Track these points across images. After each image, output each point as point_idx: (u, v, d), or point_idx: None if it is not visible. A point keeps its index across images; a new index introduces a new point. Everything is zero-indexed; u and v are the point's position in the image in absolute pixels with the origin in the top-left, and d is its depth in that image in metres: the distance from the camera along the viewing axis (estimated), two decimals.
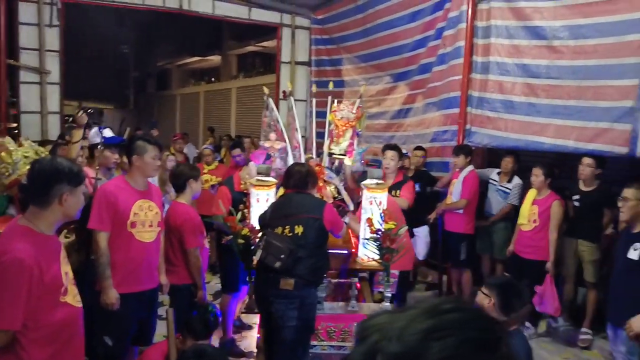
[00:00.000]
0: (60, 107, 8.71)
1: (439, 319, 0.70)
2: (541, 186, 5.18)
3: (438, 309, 0.72)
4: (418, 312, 0.72)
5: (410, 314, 0.72)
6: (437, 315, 0.70)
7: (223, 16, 9.69)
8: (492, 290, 2.69)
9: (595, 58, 4.74)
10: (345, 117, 4.60)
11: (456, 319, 0.70)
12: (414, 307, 0.75)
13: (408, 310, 0.74)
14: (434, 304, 0.73)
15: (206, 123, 19.31)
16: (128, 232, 3.47)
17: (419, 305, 0.75)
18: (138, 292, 3.55)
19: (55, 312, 2.33)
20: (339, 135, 4.62)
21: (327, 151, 4.68)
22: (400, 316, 0.73)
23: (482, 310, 0.74)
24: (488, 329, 0.71)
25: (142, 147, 3.53)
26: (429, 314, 0.71)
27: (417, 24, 7.09)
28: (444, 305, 0.72)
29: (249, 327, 5.27)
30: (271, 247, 3.42)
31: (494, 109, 5.82)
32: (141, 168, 3.55)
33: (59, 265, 2.38)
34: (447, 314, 0.71)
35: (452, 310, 0.71)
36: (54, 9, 8.30)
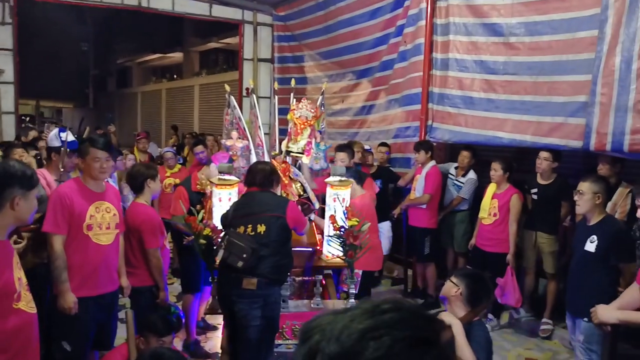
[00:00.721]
0: (15, 106, 8.44)
1: (377, 319, 0.72)
2: (500, 180, 5.29)
3: (377, 309, 0.73)
4: (359, 312, 0.74)
5: (351, 315, 0.74)
6: (376, 315, 0.72)
7: (184, 13, 9.54)
8: (461, 280, 2.72)
9: (550, 54, 4.85)
10: (304, 116, 4.61)
11: (393, 318, 0.71)
12: (357, 307, 0.77)
13: (350, 311, 0.76)
14: (374, 304, 0.75)
15: (168, 121, 19.10)
16: (84, 234, 3.41)
17: (361, 305, 0.77)
18: (97, 296, 3.49)
19: (8, 319, 2.27)
20: (297, 133, 4.62)
21: (285, 149, 4.67)
22: (342, 317, 0.74)
23: (419, 310, 0.78)
24: (423, 328, 0.73)
25: (85, 150, 3.46)
26: (368, 314, 0.73)
27: (377, 21, 7.13)
28: (383, 306, 0.74)
29: (214, 328, 5.22)
30: (233, 247, 3.39)
31: (454, 105, 5.91)
32: (85, 170, 3.50)
33: (12, 270, 2.31)
34: (385, 314, 0.72)
35: (389, 310, 0.73)
36: (6, 6, 8.05)
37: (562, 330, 5.09)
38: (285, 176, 4.58)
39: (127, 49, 25.19)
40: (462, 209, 6.13)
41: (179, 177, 6.53)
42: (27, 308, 2.38)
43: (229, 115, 5.12)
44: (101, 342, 3.66)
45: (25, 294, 2.38)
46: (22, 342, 2.36)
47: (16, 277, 2.32)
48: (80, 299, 3.35)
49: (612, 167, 4.64)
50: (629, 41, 4.07)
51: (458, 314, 2.66)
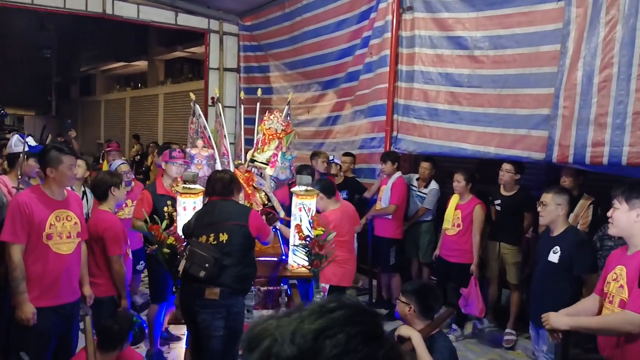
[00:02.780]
0: None
1: (328, 317, 0.72)
2: (463, 191, 5.34)
3: (324, 309, 0.74)
4: (307, 313, 0.74)
5: (299, 317, 0.74)
6: (325, 315, 0.72)
7: (149, 21, 9.42)
8: (409, 297, 2.74)
9: (513, 67, 4.94)
10: (274, 128, 4.59)
11: (342, 315, 0.72)
12: (299, 310, 0.77)
13: (294, 314, 0.76)
14: (319, 305, 0.76)
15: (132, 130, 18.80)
16: (44, 244, 3.33)
17: (303, 308, 0.77)
18: (57, 306, 3.41)
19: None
20: (264, 143, 4.60)
21: (250, 157, 4.63)
22: (289, 320, 0.74)
23: (363, 306, 0.80)
24: (372, 322, 0.74)
25: (56, 158, 3.37)
26: (317, 314, 0.73)
27: (343, 33, 7.16)
28: (329, 305, 0.75)
29: (177, 339, 5.13)
30: (195, 256, 3.34)
31: (419, 116, 5.95)
32: (56, 179, 3.41)
33: None
34: (333, 313, 0.73)
35: (337, 308, 0.74)
36: None
37: (525, 340, 5.14)
38: (249, 185, 4.54)
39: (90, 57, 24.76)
40: (426, 220, 6.17)
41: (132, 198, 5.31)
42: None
43: (194, 124, 5.07)
44: (62, 353, 3.57)
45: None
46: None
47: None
48: (39, 309, 3.28)
49: (575, 179, 4.73)
50: (590, 56, 4.17)
51: (417, 328, 2.67)
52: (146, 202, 4.44)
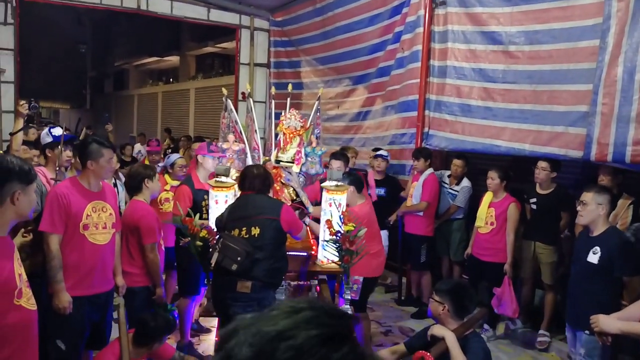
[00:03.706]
0: (14, 106, 8.36)
1: (292, 319, 0.72)
2: (497, 189, 5.25)
3: (294, 309, 0.74)
4: (277, 313, 0.75)
5: (272, 315, 0.75)
6: (291, 316, 0.73)
7: (182, 17, 9.55)
8: (444, 296, 2.70)
9: (550, 63, 4.83)
10: (292, 126, 4.60)
11: (306, 316, 0.72)
12: (277, 308, 0.77)
13: (271, 312, 0.76)
14: (292, 304, 0.76)
15: (164, 124, 19.04)
16: (81, 234, 3.39)
17: (281, 306, 0.77)
18: (92, 295, 3.47)
19: (9, 315, 2.26)
20: (286, 142, 4.61)
21: (275, 159, 4.65)
22: (262, 318, 0.75)
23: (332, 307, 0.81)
24: (336, 324, 0.73)
25: (97, 151, 3.44)
26: (284, 315, 0.74)
27: (375, 28, 7.11)
28: (299, 305, 0.75)
29: (207, 331, 5.19)
30: (227, 250, 3.36)
31: (451, 112, 5.88)
32: (96, 172, 3.47)
33: (13, 266, 2.30)
34: (299, 313, 0.73)
35: (304, 309, 0.74)
36: (9, 6, 8.06)
37: (559, 342, 5.04)
38: (277, 182, 4.55)
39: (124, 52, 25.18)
40: (457, 217, 6.10)
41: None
42: (27, 305, 2.37)
43: (226, 118, 5.09)
44: (96, 342, 3.64)
45: (25, 291, 2.37)
46: (22, 339, 2.35)
47: (17, 273, 2.31)
48: (75, 298, 3.34)
49: (614, 178, 4.59)
50: (632, 51, 4.05)
51: (451, 327, 2.63)
52: (187, 197, 4.50)
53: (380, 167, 6.18)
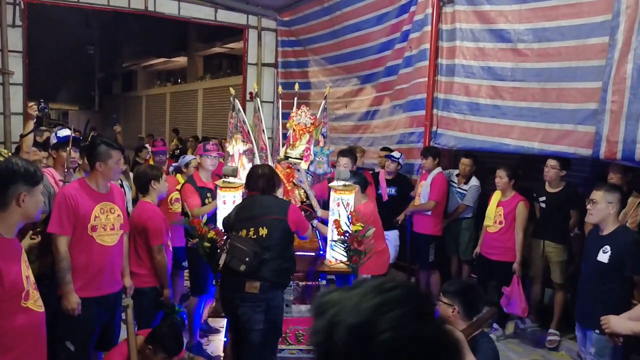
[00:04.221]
0: (23, 108, 8.40)
1: (385, 295, 0.84)
2: (505, 188, 5.22)
3: (382, 288, 0.86)
4: (366, 290, 0.86)
5: (360, 292, 0.86)
6: (383, 293, 0.84)
7: (189, 17, 9.58)
8: (453, 298, 2.67)
9: (558, 61, 4.79)
10: (303, 123, 4.61)
11: (398, 295, 0.84)
12: (360, 285, 0.88)
13: (356, 289, 0.88)
14: (378, 283, 0.87)
15: (172, 124, 19.10)
16: (89, 235, 3.40)
17: (364, 284, 0.89)
18: (100, 297, 3.48)
19: (16, 317, 2.27)
20: (296, 139, 4.62)
21: (284, 155, 4.65)
22: (350, 294, 0.86)
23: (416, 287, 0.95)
24: (423, 303, 0.86)
25: (106, 153, 3.45)
26: (375, 291, 0.85)
27: (383, 27, 7.09)
28: (386, 284, 0.87)
29: (216, 331, 5.20)
30: (235, 250, 3.36)
31: (460, 111, 5.85)
32: (104, 173, 3.48)
33: (20, 269, 2.30)
34: (390, 292, 0.85)
35: (393, 288, 0.86)
36: (17, 9, 8.12)
37: (569, 341, 5.02)
38: (289, 182, 4.56)
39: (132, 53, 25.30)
40: (466, 217, 6.07)
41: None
42: (35, 307, 2.37)
43: (233, 118, 5.11)
44: (104, 343, 3.65)
45: (33, 293, 2.37)
46: (30, 341, 2.36)
47: (24, 276, 2.32)
48: (83, 299, 3.35)
49: (624, 176, 4.54)
50: None
51: (460, 328, 2.61)
52: (194, 193, 4.55)
53: (390, 168, 6.16)
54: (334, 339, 0.83)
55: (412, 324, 0.82)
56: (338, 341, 0.83)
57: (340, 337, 0.82)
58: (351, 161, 5.30)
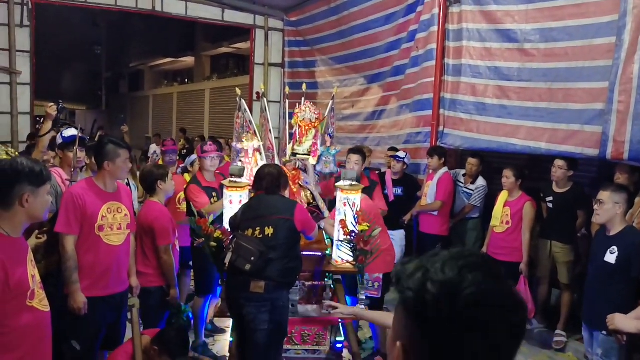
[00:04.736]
0: (31, 107, 8.57)
1: (465, 260, 0.98)
2: (512, 188, 5.21)
3: (462, 254, 1.00)
4: (447, 256, 1.00)
5: (442, 258, 1.00)
6: (463, 258, 0.99)
7: (196, 17, 9.64)
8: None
9: (565, 61, 4.78)
10: (307, 118, 4.62)
11: (477, 260, 0.99)
12: (438, 255, 1.02)
13: (437, 256, 1.01)
14: (457, 252, 1.02)
15: (179, 124, 19.16)
16: (96, 235, 3.41)
17: (442, 253, 1.02)
18: (107, 296, 3.49)
19: (21, 316, 2.28)
20: (302, 135, 4.63)
21: (291, 152, 4.66)
22: (433, 259, 1.00)
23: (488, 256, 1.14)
24: (496, 267, 1.00)
25: (114, 152, 3.47)
26: (457, 257, 0.99)
27: (390, 27, 7.10)
28: (466, 252, 1.01)
29: (222, 331, 5.21)
30: (241, 250, 3.36)
31: (466, 111, 5.85)
32: (112, 172, 3.49)
33: (26, 268, 2.31)
34: (469, 257, 0.99)
35: (472, 255, 1.01)
36: (25, 9, 8.18)
37: (576, 342, 4.99)
38: (295, 184, 4.56)
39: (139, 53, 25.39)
40: (473, 217, 6.06)
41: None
42: (40, 306, 2.37)
43: (240, 118, 5.11)
44: (110, 342, 3.65)
45: (38, 292, 2.38)
46: (34, 341, 2.36)
47: (30, 275, 2.32)
48: (90, 298, 3.36)
49: (631, 177, 4.53)
50: None
51: None
52: (201, 192, 4.58)
53: (395, 168, 6.15)
54: (425, 295, 0.95)
55: (490, 282, 0.96)
56: (429, 296, 0.95)
57: (432, 292, 0.95)
58: (362, 158, 5.30)
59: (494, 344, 0.96)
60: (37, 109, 8.90)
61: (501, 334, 0.97)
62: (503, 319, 0.96)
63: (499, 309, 0.96)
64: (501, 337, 0.97)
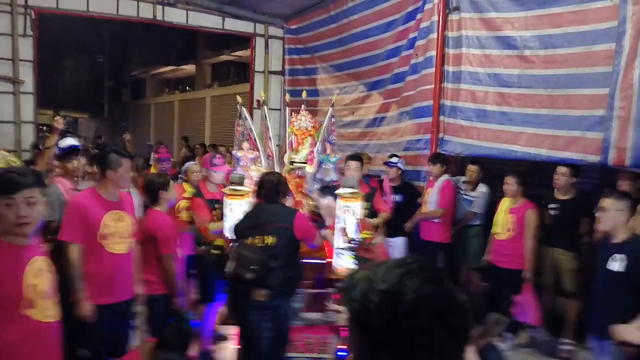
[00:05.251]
0: (34, 116, 8.64)
1: (407, 267, 1.03)
2: (515, 194, 5.19)
3: (404, 262, 1.05)
4: (390, 264, 1.05)
5: (384, 267, 1.04)
6: (404, 266, 1.03)
7: (197, 26, 9.71)
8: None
9: (565, 67, 4.79)
10: (303, 127, 4.64)
11: (417, 266, 1.03)
12: (384, 264, 1.06)
13: (380, 266, 1.05)
14: (400, 260, 1.06)
15: (180, 132, 19.19)
16: (99, 243, 3.43)
17: (387, 262, 1.07)
18: (113, 304, 3.51)
19: (10, 326, 2.22)
20: (299, 143, 4.64)
21: (288, 160, 4.67)
22: (376, 270, 1.04)
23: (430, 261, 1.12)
24: (437, 271, 1.05)
25: (116, 161, 3.50)
26: (399, 265, 1.04)
27: (390, 34, 7.12)
28: (407, 260, 1.06)
29: (226, 339, 5.19)
30: (242, 258, 3.38)
31: (466, 117, 5.85)
32: (115, 181, 3.52)
33: (20, 276, 2.25)
34: (410, 265, 1.04)
35: (413, 262, 1.05)
36: (28, 18, 8.24)
37: (583, 350, 4.93)
38: (298, 192, 4.56)
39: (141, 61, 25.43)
40: (475, 224, 6.03)
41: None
42: (40, 316, 2.32)
43: (240, 126, 5.13)
44: (117, 349, 3.67)
45: (41, 302, 2.32)
46: (28, 351, 2.29)
47: (29, 284, 2.27)
48: (96, 306, 3.37)
49: (633, 183, 4.50)
50: None
51: None
52: (204, 207, 4.55)
53: (390, 174, 6.15)
54: (367, 304, 0.99)
55: (429, 287, 1.00)
56: (371, 305, 0.99)
57: (374, 301, 0.99)
58: (360, 165, 5.30)
59: (438, 346, 0.99)
60: (40, 117, 8.94)
61: (443, 336, 1.00)
62: (443, 322, 0.99)
63: (439, 313, 0.99)
64: (443, 340, 1.00)
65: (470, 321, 1.08)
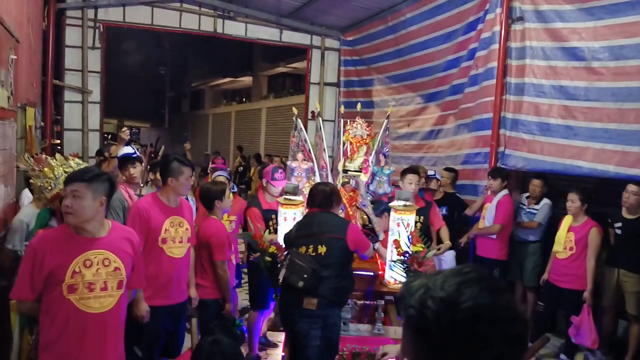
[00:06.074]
0: (100, 125, 9.04)
1: (464, 276, 1.04)
2: (577, 212, 4.95)
3: (462, 271, 1.06)
4: (448, 273, 1.06)
5: (442, 276, 1.05)
6: (462, 275, 1.04)
7: (255, 39, 9.88)
8: None
9: (637, 80, 4.54)
10: (359, 135, 4.61)
11: (475, 276, 1.04)
12: (441, 272, 1.08)
13: (438, 274, 1.07)
14: (458, 268, 1.08)
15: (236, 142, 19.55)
16: (159, 247, 3.54)
17: (445, 271, 1.08)
18: (167, 306, 3.59)
19: (60, 306, 2.44)
20: (353, 152, 4.61)
21: (342, 168, 4.63)
22: (434, 278, 1.06)
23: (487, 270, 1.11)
24: (495, 282, 1.05)
25: (178, 170, 3.61)
26: (456, 274, 1.05)
27: (449, 45, 7.00)
28: (465, 269, 1.07)
29: (274, 345, 5.19)
30: (295, 266, 3.39)
31: (529, 131, 5.64)
32: (175, 188, 3.63)
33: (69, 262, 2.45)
34: (469, 274, 1.05)
35: (471, 271, 1.06)
36: (97, 32, 8.64)
37: None
38: (352, 206, 4.52)
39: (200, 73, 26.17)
40: (533, 240, 5.79)
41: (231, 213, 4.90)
42: (81, 305, 2.48)
43: (295, 137, 5.15)
44: (169, 350, 3.75)
45: (83, 291, 2.47)
46: (78, 334, 2.48)
47: (72, 270, 2.45)
48: (152, 307, 3.44)
49: None
50: None
51: None
52: (259, 218, 4.56)
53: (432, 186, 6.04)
54: (425, 311, 1.01)
55: (488, 296, 1.01)
56: (429, 312, 1.00)
57: (431, 308, 1.00)
58: (417, 177, 5.18)
59: (495, 354, 1.00)
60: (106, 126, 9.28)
61: (501, 345, 1.00)
62: (500, 331, 1.00)
63: (498, 322, 1.00)
64: (501, 348, 1.00)
65: (528, 333, 1.07)
